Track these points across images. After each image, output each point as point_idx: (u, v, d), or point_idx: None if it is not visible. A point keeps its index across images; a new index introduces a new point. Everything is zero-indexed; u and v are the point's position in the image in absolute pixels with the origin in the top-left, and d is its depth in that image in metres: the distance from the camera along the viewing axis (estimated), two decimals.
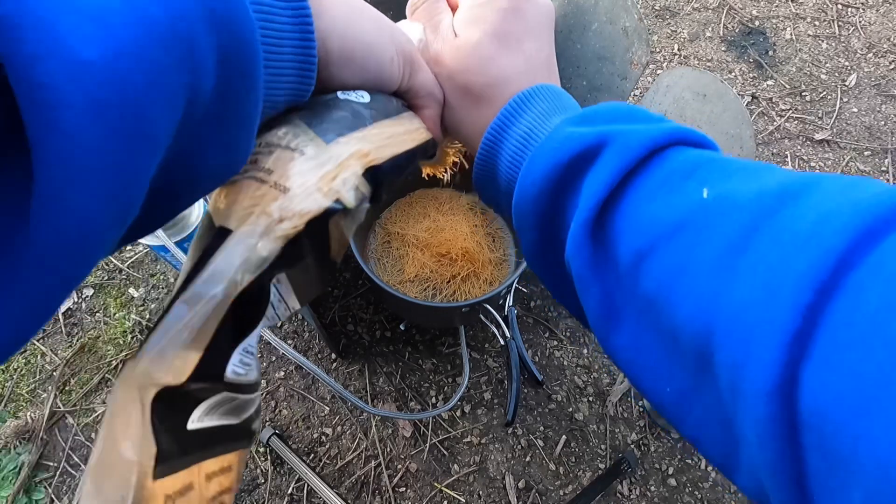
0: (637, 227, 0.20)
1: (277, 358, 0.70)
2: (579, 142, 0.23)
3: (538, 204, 0.24)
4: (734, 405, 0.16)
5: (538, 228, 0.25)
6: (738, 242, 0.17)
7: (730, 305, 0.16)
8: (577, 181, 0.23)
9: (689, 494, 0.64)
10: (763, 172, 0.19)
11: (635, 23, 0.50)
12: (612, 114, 0.25)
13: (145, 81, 0.13)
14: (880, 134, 0.93)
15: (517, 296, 0.75)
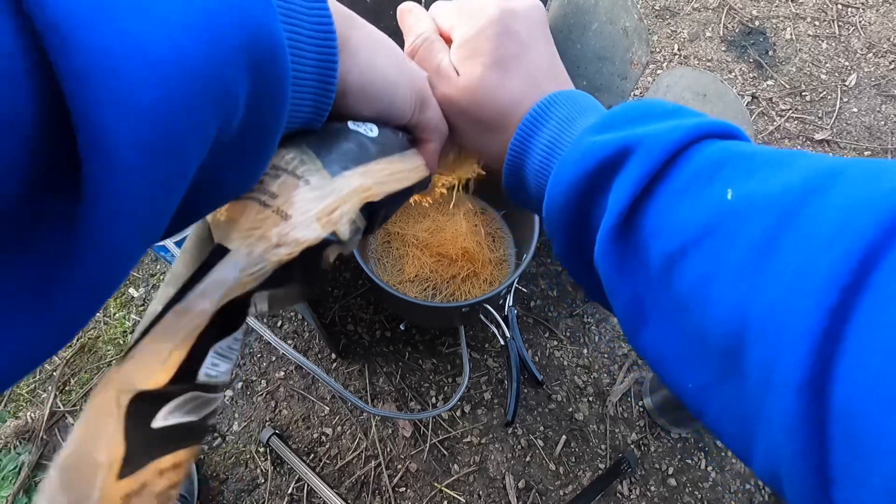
0: (665, 231, 0.21)
1: (277, 358, 0.70)
2: (602, 151, 0.23)
3: (565, 213, 0.25)
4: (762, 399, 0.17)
5: (567, 235, 0.26)
6: (764, 245, 0.18)
7: (760, 308, 0.17)
8: (602, 189, 0.24)
9: (689, 494, 0.64)
10: (786, 164, 0.20)
11: (635, 23, 0.50)
12: (632, 115, 0.25)
13: (185, 124, 0.14)
14: (880, 134, 0.93)
15: (517, 296, 0.75)
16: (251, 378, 0.69)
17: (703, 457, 0.66)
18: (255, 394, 0.68)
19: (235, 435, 0.65)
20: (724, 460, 0.66)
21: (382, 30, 0.30)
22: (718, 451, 0.66)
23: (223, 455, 0.64)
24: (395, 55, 0.25)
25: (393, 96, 0.25)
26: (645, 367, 0.72)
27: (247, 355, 0.70)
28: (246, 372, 0.69)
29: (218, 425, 0.66)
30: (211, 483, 0.63)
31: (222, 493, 0.62)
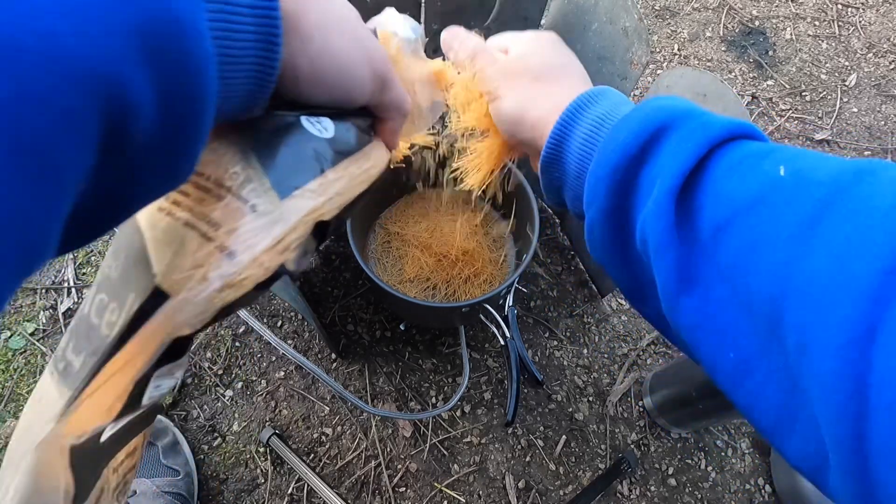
0: (718, 200, 0.22)
1: (277, 358, 0.70)
2: (665, 110, 0.25)
3: (617, 171, 0.25)
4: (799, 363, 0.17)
5: (613, 195, 0.26)
6: (813, 215, 0.18)
7: (804, 272, 0.17)
8: (657, 150, 0.24)
9: (689, 494, 0.64)
10: (836, 158, 0.20)
11: (635, 23, 0.50)
12: (687, 102, 0.27)
13: (51, 126, 0.12)
14: (880, 134, 0.93)
15: (517, 296, 0.75)
16: (251, 378, 0.69)
17: (703, 457, 0.66)
18: (255, 394, 0.68)
19: (235, 435, 0.65)
20: (724, 460, 0.66)
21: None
22: (718, 451, 0.66)
23: (223, 455, 0.64)
24: (351, 33, 0.24)
25: (351, 81, 0.24)
26: (645, 367, 0.72)
27: (247, 355, 0.70)
28: (246, 372, 0.69)
29: (218, 425, 0.66)
30: (211, 483, 0.63)
31: (222, 493, 0.62)
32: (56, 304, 0.72)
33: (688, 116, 0.24)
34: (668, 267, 0.23)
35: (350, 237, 0.58)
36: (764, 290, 0.19)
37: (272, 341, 0.40)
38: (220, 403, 0.67)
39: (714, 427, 0.68)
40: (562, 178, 0.31)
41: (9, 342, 0.69)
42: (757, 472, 0.66)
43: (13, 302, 0.72)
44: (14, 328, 0.70)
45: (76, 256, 0.75)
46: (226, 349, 0.70)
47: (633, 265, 0.26)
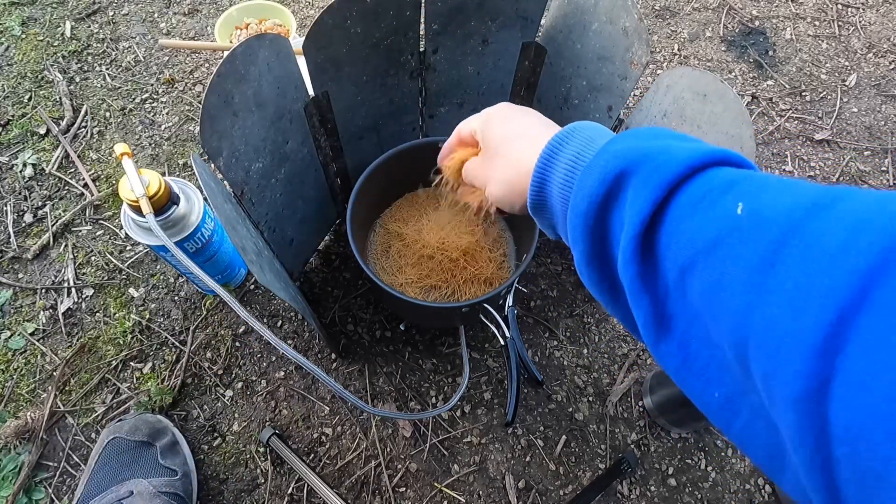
0: (680, 242, 0.21)
1: (277, 358, 0.70)
2: (624, 157, 0.24)
3: (588, 217, 0.26)
4: (770, 410, 0.17)
5: (588, 241, 0.26)
6: (767, 257, 0.18)
7: (761, 320, 0.17)
8: (622, 195, 0.24)
9: (689, 494, 0.64)
10: (797, 186, 0.20)
11: (635, 23, 0.50)
12: (656, 132, 0.27)
13: None
14: (880, 134, 0.93)
15: (517, 296, 0.75)
16: (251, 378, 0.69)
17: (703, 457, 0.66)
18: (255, 394, 0.68)
19: (235, 435, 0.65)
20: (724, 460, 0.66)
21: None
22: (718, 451, 0.66)
23: (223, 455, 0.64)
24: None
25: None
26: (645, 367, 0.72)
27: (247, 355, 0.70)
28: (246, 372, 0.69)
29: (218, 425, 0.66)
30: (211, 483, 0.63)
31: (222, 493, 0.62)
32: (56, 304, 0.72)
33: (646, 158, 0.24)
34: (644, 314, 0.23)
35: (350, 237, 0.58)
36: (729, 334, 0.19)
37: (272, 341, 0.40)
38: (220, 403, 0.67)
39: (714, 427, 0.68)
40: (553, 220, 0.32)
41: (9, 342, 0.69)
42: (757, 472, 0.66)
43: (13, 302, 0.72)
44: (14, 328, 0.70)
45: (76, 256, 0.76)
46: (226, 349, 0.70)
47: (624, 301, 0.26)
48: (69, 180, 0.81)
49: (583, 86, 0.60)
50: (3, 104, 0.88)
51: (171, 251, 0.46)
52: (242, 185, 0.51)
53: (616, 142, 0.27)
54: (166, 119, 0.88)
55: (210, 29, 0.99)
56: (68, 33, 0.97)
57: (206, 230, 0.60)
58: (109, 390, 0.67)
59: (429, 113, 0.72)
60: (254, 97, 0.49)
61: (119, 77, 0.92)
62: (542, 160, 0.30)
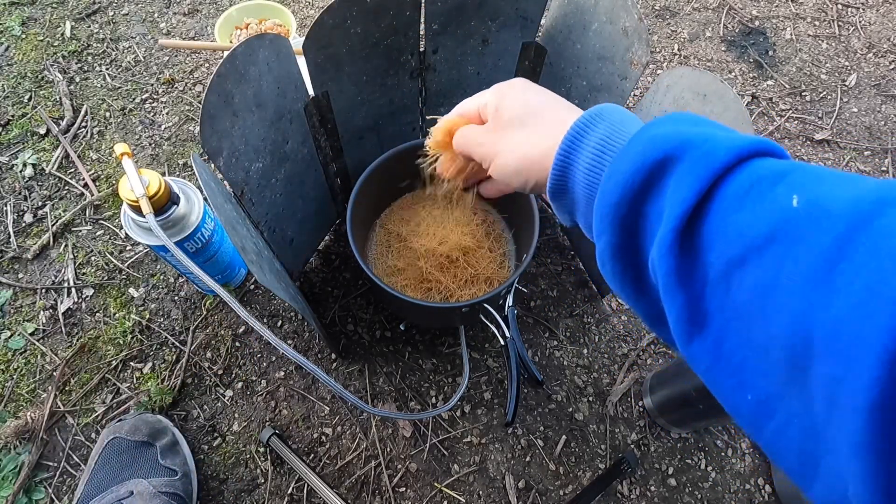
0: (727, 236, 0.20)
1: (277, 358, 0.70)
2: (664, 142, 0.23)
3: (620, 206, 0.24)
4: (829, 415, 0.16)
5: (618, 232, 0.25)
6: (831, 255, 0.17)
7: (827, 320, 0.16)
8: (662, 182, 0.23)
9: (689, 494, 0.64)
10: (854, 178, 0.19)
11: (635, 23, 0.50)
12: (695, 119, 0.25)
13: None
14: (880, 134, 0.93)
15: (517, 296, 0.75)
16: (251, 378, 0.69)
17: (703, 457, 0.66)
18: (255, 394, 0.68)
19: (235, 435, 0.65)
20: (724, 460, 0.66)
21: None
22: (718, 451, 0.66)
23: (223, 455, 0.64)
24: None
25: None
26: (645, 367, 0.72)
27: (247, 355, 0.70)
28: (246, 372, 0.69)
29: (218, 425, 0.66)
30: (211, 483, 0.63)
31: (222, 493, 0.62)
32: (56, 304, 0.72)
33: (689, 146, 0.22)
34: (678, 309, 0.22)
35: (350, 237, 0.58)
36: (783, 336, 0.18)
37: (272, 341, 0.40)
38: (220, 403, 0.67)
39: (714, 427, 0.68)
40: (573, 206, 0.30)
41: (9, 342, 0.69)
42: (757, 472, 0.66)
43: (13, 302, 0.72)
44: (14, 328, 0.70)
45: (76, 256, 0.76)
46: (226, 349, 0.70)
47: (649, 294, 0.25)
48: (69, 180, 0.81)
49: (583, 86, 0.60)
50: (3, 104, 0.88)
51: (171, 251, 0.46)
52: (242, 185, 0.51)
53: (653, 126, 0.25)
54: (166, 119, 0.88)
55: (210, 29, 0.99)
56: (68, 33, 0.97)
57: (206, 230, 0.60)
58: (109, 390, 0.67)
59: (429, 113, 0.72)
60: (254, 97, 0.49)
61: (119, 77, 0.92)
62: (568, 142, 0.28)
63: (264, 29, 0.90)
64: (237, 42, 0.49)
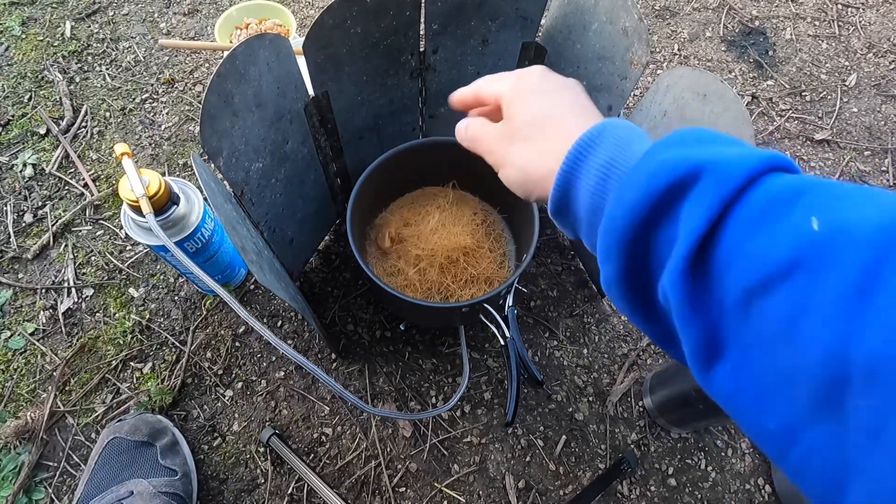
0: (743, 263, 0.20)
1: (277, 358, 0.70)
2: (673, 168, 0.22)
3: (627, 233, 0.24)
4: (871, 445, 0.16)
5: (625, 258, 0.24)
6: (863, 282, 0.16)
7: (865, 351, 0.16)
8: (673, 210, 0.23)
9: (689, 494, 0.64)
10: (874, 195, 0.18)
11: (635, 23, 0.50)
12: (700, 136, 0.25)
13: None
14: (880, 134, 0.93)
15: (517, 296, 0.75)
16: (251, 378, 0.69)
17: (703, 457, 0.66)
18: (255, 394, 0.68)
19: (235, 435, 0.65)
20: (724, 460, 0.66)
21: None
22: (718, 451, 0.66)
23: (223, 455, 0.64)
24: None
25: None
26: (645, 367, 0.72)
27: (247, 355, 0.70)
28: (246, 372, 0.69)
29: (218, 425, 0.66)
30: (211, 483, 0.63)
31: (222, 493, 0.62)
32: (56, 304, 0.72)
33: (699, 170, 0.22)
34: (694, 337, 0.21)
35: (350, 237, 0.58)
36: (813, 365, 0.17)
37: (272, 341, 0.40)
38: (220, 403, 0.67)
39: (714, 427, 0.68)
40: (575, 224, 0.30)
41: (9, 342, 0.69)
42: (757, 472, 0.66)
43: (13, 302, 0.72)
44: (14, 328, 0.70)
45: (76, 256, 0.76)
46: (226, 349, 0.70)
47: (659, 318, 0.25)
48: (69, 180, 0.81)
49: (583, 86, 0.60)
50: (3, 104, 0.88)
51: (171, 251, 0.46)
52: (242, 185, 0.51)
53: (660, 150, 0.24)
54: (166, 119, 0.88)
55: (210, 29, 0.99)
56: (68, 33, 0.97)
57: (206, 230, 0.60)
58: (109, 390, 0.67)
59: (429, 113, 0.72)
60: (254, 97, 0.49)
61: (119, 77, 0.92)
62: (569, 163, 0.28)
63: (264, 29, 0.90)
64: (237, 42, 0.49)
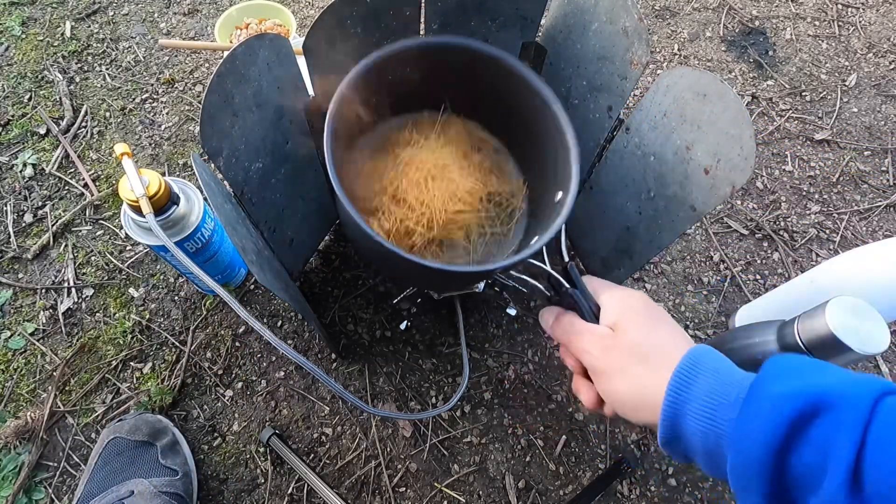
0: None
1: (277, 358, 0.70)
2: (794, 401, 0.25)
3: (765, 464, 0.26)
4: None
5: (769, 489, 0.26)
6: None
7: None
8: (803, 437, 0.25)
9: (689, 494, 0.64)
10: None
11: (635, 23, 0.50)
12: (798, 366, 0.28)
13: None
14: (880, 134, 0.93)
15: (517, 296, 0.75)
16: (251, 378, 0.69)
17: None
18: (255, 394, 0.68)
19: (235, 435, 0.65)
20: None
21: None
22: None
23: (223, 455, 0.64)
24: None
25: None
26: None
27: (247, 355, 0.70)
28: (246, 372, 0.69)
29: (218, 425, 0.66)
30: (211, 483, 0.63)
31: (222, 493, 0.62)
32: (56, 304, 0.72)
33: (826, 397, 0.25)
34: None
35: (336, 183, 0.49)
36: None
37: (272, 341, 0.40)
38: (220, 403, 0.67)
39: None
40: (687, 452, 0.32)
41: (9, 342, 0.69)
42: None
43: (13, 302, 0.72)
44: (14, 328, 0.70)
45: (76, 256, 0.76)
46: (226, 349, 0.70)
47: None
48: (69, 180, 0.82)
49: (583, 86, 0.60)
50: (3, 104, 0.88)
51: (171, 251, 0.46)
52: (242, 185, 0.51)
53: (771, 382, 0.28)
54: (166, 119, 0.88)
55: (210, 29, 0.99)
56: (68, 33, 0.97)
57: (206, 230, 0.60)
58: (109, 390, 0.67)
59: None
60: (254, 97, 0.49)
61: (119, 77, 0.92)
62: (671, 399, 0.31)
63: (264, 29, 0.90)
64: (237, 42, 0.49)
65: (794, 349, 0.46)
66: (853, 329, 0.43)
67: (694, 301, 0.76)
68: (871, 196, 0.87)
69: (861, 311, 0.44)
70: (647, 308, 0.39)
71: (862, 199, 0.87)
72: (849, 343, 0.42)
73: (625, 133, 0.58)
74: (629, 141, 0.57)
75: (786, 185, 0.88)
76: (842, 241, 0.82)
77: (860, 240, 0.83)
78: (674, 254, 0.80)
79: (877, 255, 0.53)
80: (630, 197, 0.59)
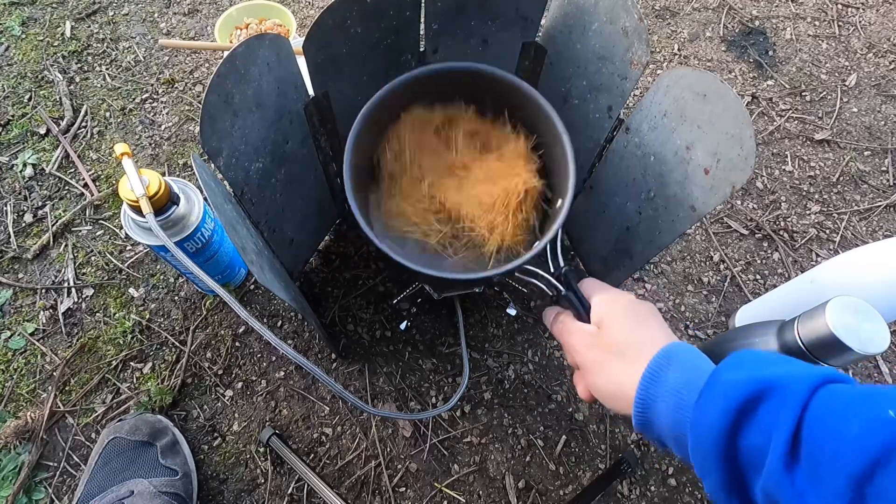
0: (843, 452, 0.23)
1: (277, 358, 0.70)
2: (744, 386, 0.28)
3: (718, 445, 0.28)
4: None
5: (723, 467, 0.29)
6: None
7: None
8: (750, 421, 0.27)
9: (689, 494, 0.64)
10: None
11: (635, 23, 0.49)
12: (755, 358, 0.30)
13: None
14: (880, 134, 0.93)
15: (517, 296, 0.75)
16: (251, 378, 0.69)
17: None
18: (255, 394, 0.68)
19: (235, 435, 0.65)
20: None
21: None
22: None
23: (223, 455, 0.64)
24: None
25: None
26: None
27: (247, 355, 0.70)
28: (246, 372, 0.69)
29: (218, 425, 0.66)
30: (211, 483, 0.63)
31: (222, 493, 0.62)
32: (56, 304, 0.72)
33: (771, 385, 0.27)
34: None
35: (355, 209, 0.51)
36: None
37: (272, 341, 0.40)
38: (220, 403, 0.67)
39: None
40: (661, 438, 0.35)
41: (9, 342, 0.69)
42: None
43: (13, 302, 0.72)
44: (14, 328, 0.70)
45: (76, 256, 0.76)
46: (226, 349, 0.70)
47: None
48: (69, 180, 0.82)
49: (583, 86, 0.60)
50: (3, 104, 0.88)
51: (171, 251, 0.46)
52: (242, 185, 0.51)
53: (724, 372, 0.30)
54: (166, 119, 0.88)
55: (210, 29, 0.99)
56: (68, 33, 0.97)
57: (206, 230, 0.60)
58: (109, 390, 0.67)
59: None
60: (254, 97, 0.49)
61: (119, 77, 0.92)
62: (643, 387, 0.34)
63: (264, 29, 0.90)
64: (237, 42, 0.49)
65: (794, 349, 0.46)
66: (853, 329, 0.43)
67: (694, 301, 0.76)
68: (871, 196, 0.87)
69: (861, 312, 0.44)
70: (631, 309, 0.42)
71: (862, 199, 0.87)
72: (849, 343, 0.42)
73: (625, 133, 0.58)
74: (629, 141, 0.57)
75: (786, 185, 0.88)
76: (842, 241, 0.82)
77: (860, 240, 0.83)
78: (674, 254, 0.80)
79: (877, 255, 0.53)
80: (630, 197, 0.59)
